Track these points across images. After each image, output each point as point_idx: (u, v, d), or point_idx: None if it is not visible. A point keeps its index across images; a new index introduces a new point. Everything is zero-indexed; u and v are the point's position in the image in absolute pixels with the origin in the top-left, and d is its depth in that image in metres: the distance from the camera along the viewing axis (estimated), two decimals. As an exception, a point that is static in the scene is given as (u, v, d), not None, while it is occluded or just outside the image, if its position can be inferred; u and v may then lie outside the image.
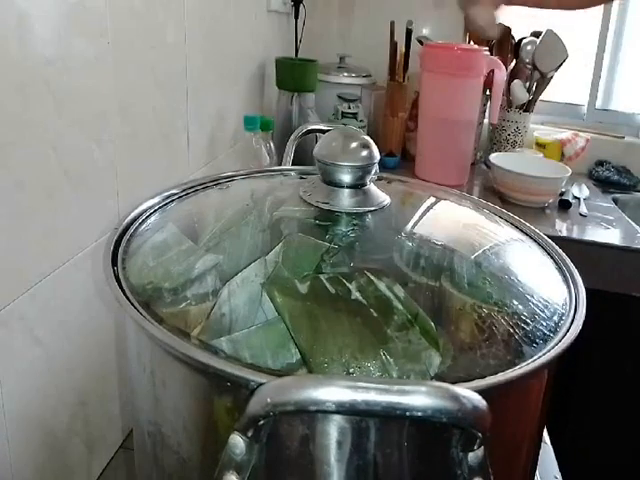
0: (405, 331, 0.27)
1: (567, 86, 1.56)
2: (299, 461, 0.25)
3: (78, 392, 0.56)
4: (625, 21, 1.55)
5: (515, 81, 1.41)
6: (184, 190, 0.42)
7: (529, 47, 1.41)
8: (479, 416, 0.22)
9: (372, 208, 0.35)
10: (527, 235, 0.40)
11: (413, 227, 0.37)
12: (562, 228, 1.11)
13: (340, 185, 0.34)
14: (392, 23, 1.44)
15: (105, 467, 0.61)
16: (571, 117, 1.59)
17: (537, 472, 0.58)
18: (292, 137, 0.70)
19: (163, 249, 0.34)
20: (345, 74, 1.34)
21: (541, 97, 1.45)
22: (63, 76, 0.49)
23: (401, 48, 1.46)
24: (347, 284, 0.29)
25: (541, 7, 0.30)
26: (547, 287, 0.34)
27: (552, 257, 0.38)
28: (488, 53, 1.21)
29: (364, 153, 0.33)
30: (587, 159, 1.46)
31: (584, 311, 0.31)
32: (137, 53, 0.62)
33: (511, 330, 0.30)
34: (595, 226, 1.12)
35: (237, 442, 0.23)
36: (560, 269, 0.36)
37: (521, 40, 1.43)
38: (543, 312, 0.32)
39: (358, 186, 0.34)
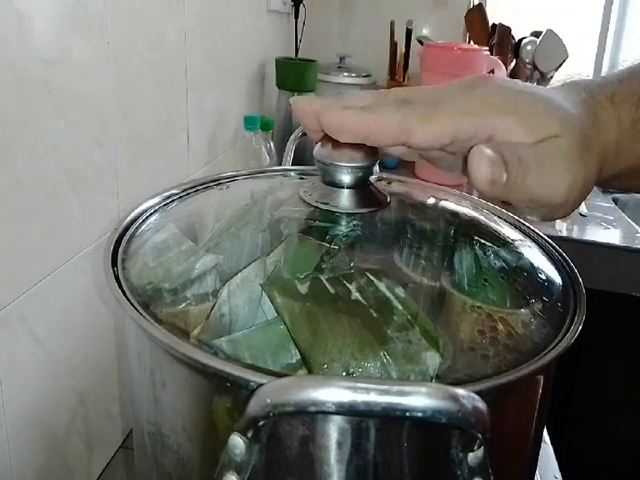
0: (405, 331, 0.27)
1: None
2: (299, 462, 0.25)
3: (78, 392, 0.56)
4: (624, 21, 1.55)
5: (515, 81, 1.40)
6: (184, 190, 0.42)
7: (529, 47, 1.41)
8: (479, 417, 0.22)
9: (372, 208, 0.35)
10: (527, 235, 0.40)
11: (413, 227, 0.37)
12: (562, 228, 1.11)
13: (340, 185, 0.34)
14: (392, 23, 1.44)
15: (105, 467, 0.62)
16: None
17: (537, 472, 0.58)
18: (292, 137, 0.70)
19: (163, 249, 0.34)
20: (345, 74, 1.34)
21: (541, 97, 1.45)
22: (63, 76, 0.49)
23: (401, 48, 1.46)
24: (347, 284, 0.29)
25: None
26: (547, 287, 0.34)
27: (552, 257, 0.38)
28: (488, 53, 1.21)
29: (364, 153, 0.33)
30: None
31: (584, 311, 0.31)
32: (137, 53, 0.62)
33: (511, 330, 0.30)
34: (595, 226, 1.12)
35: (237, 443, 0.23)
36: (560, 269, 0.36)
37: (521, 40, 1.44)
38: (543, 312, 0.32)
39: (358, 186, 0.34)
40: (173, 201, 0.41)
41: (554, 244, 0.39)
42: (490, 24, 1.46)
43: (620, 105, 0.30)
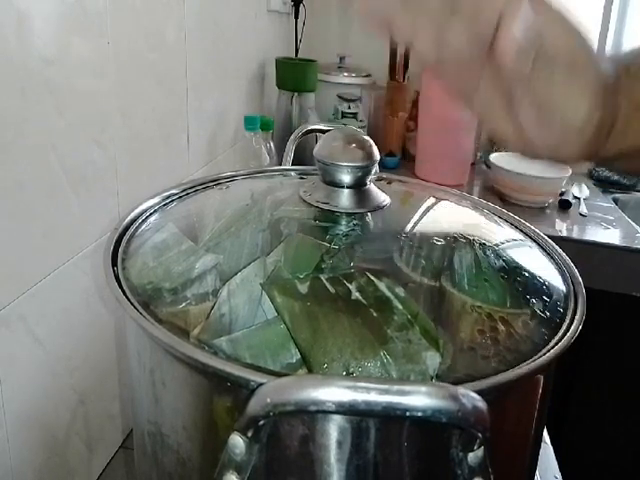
0: (405, 331, 0.27)
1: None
2: (299, 461, 0.25)
3: (78, 392, 0.56)
4: (624, 21, 1.55)
5: (515, 81, 1.40)
6: (184, 190, 0.42)
7: (529, 47, 1.40)
8: (479, 416, 0.22)
9: (372, 208, 0.35)
10: (527, 235, 0.40)
11: (413, 227, 0.37)
12: (562, 228, 1.11)
13: (340, 185, 0.34)
14: (392, 23, 1.43)
15: (105, 467, 0.61)
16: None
17: (537, 472, 0.58)
18: (292, 137, 0.70)
19: (163, 249, 0.34)
20: (345, 74, 1.34)
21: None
22: (63, 76, 0.49)
23: (401, 48, 1.46)
24: (347, 284, 0.29)
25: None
26: (547, 287, 0.34)
27: (552, 257, 0.38)
28: (488, 53, 1.21)
29: (364, 153, 0.33)
30: (587, 159, 1.46)
31: (584, 311, 0.31)
32: (137, 53, 0.62)
33: (511, 330, 0.30)
34: (595, 226, 1.12)
35: (237, 442, 0.23)
36: (560, 269, 0.36)
37: (521, 40, 1.43)
38: (543, 312, 0.32)
39: (358, 186, 0.34)
40: (173, 201, 0.41)
41: (554, 244, 0.39)
42: (490, 24, 1.46)
43: (633, 78, 0.31)
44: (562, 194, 1.22)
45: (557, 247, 0.39)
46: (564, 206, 1.19)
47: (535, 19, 0.27)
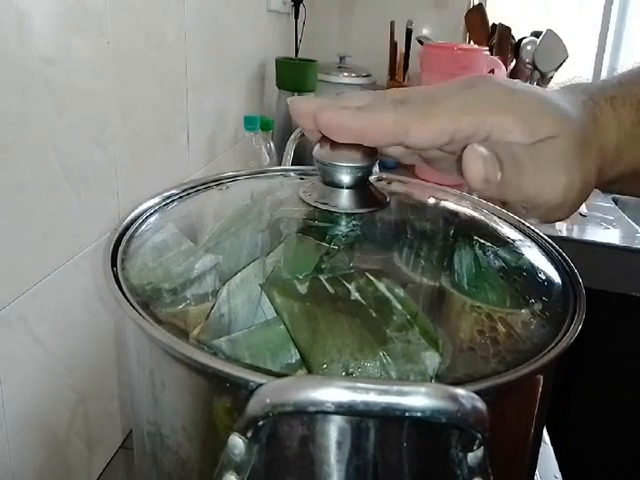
0: (404, 331, 0.27)
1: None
2: (299, 461, 0.25)
3: (78, 392, 0.56)
4: (624, 22, 1.55)
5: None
6: (184, 190, 0.42)
7: (529, 47, 1.41)
8: (478, 416, 0.22)
9: (372, 208, 0.34)
10: (527, 235, 0.40)
11: (413, 227, 0.37)
12: (562, 228, 1.11)
13: (340, 185, 0.34)
14: (392, 23, 1.44)
15: (105, 467, 0.62)
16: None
17: (537, 472, 0.58)
18: (292, 137, 0.70)
19: (163, 249, 0.34)
20: (345, 74, 1.34)
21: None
22: (63, 76, 0.49)
23: (401, 48, 1.46)
24: (346, 284, 0.29)
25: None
26: (547, 287, 0.34)
27: (552, 257, 0.38)
28: (488, 53, 1.21)
29: (364, 153, 0.33)
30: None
31: (584, 311, 0.31)
32: (137, 53, 0.62)
33: (511, 330, 0.30)
34: (595, 226, 1.12)
35: (236, 443, 0.23)
36: (560, 269, 0.36)
37: (521, 40, 1.43)
38: (543, 312, 0.32)
39: (358, 186, 0.34)
40: (173, 201, 0.41)
41: (554, 244, 0.39)
42: (490, 24, 1.46)
43: (620, 108, 0.30)
44: (562, 194, 1.22)
45: (557, 247, 0.39)
46: (564, 206, 1.19)
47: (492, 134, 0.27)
